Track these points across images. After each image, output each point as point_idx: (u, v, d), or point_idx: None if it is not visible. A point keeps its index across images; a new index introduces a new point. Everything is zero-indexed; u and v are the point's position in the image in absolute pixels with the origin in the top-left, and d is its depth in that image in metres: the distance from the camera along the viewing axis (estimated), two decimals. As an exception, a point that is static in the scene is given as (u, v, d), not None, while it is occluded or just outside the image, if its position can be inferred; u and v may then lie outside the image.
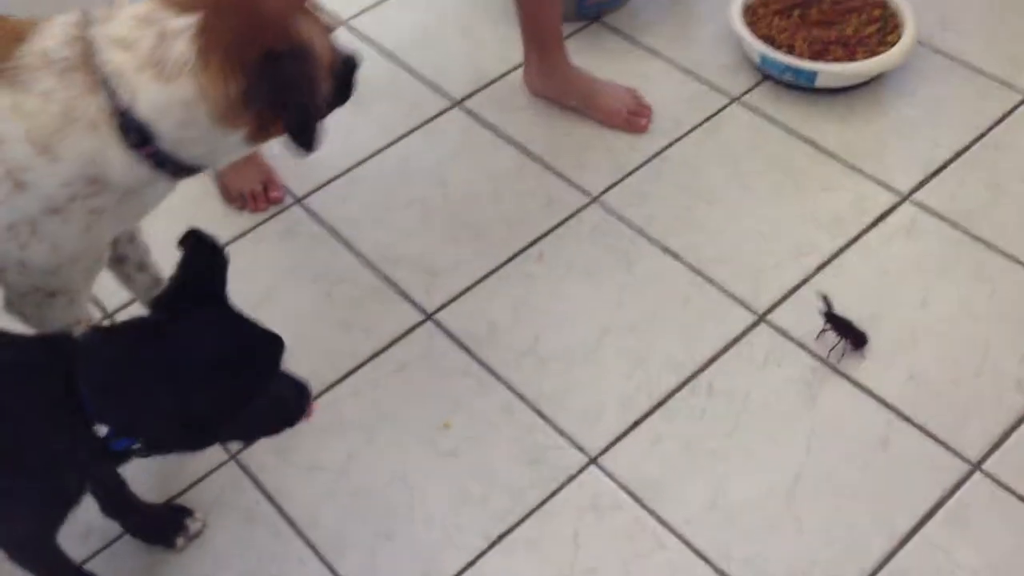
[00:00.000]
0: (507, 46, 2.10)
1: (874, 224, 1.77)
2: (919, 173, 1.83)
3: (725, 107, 1.98)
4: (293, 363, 1.64)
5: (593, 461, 1.51)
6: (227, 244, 1.81)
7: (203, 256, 1.15)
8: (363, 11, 2.23)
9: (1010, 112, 1.92)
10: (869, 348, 1.58)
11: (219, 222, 1.85)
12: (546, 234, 1.80)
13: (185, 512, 1.47)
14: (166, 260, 1.34)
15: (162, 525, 1.46)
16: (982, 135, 1.88)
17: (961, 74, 2.00)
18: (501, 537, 1.44)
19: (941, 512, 1.41)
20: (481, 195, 1.88)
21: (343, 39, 1.94)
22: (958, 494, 1.43)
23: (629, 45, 2.12)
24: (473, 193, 1.88)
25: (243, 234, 1.84)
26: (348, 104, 2.03)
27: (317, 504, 1.50)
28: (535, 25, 1.92)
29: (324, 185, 1.91)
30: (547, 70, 1.97)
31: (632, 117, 1.95)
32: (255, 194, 1.88)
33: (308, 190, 1.91)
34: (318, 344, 1.68)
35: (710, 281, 1.71)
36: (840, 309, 1.59)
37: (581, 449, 1.52)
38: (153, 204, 1.30)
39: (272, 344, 1.15)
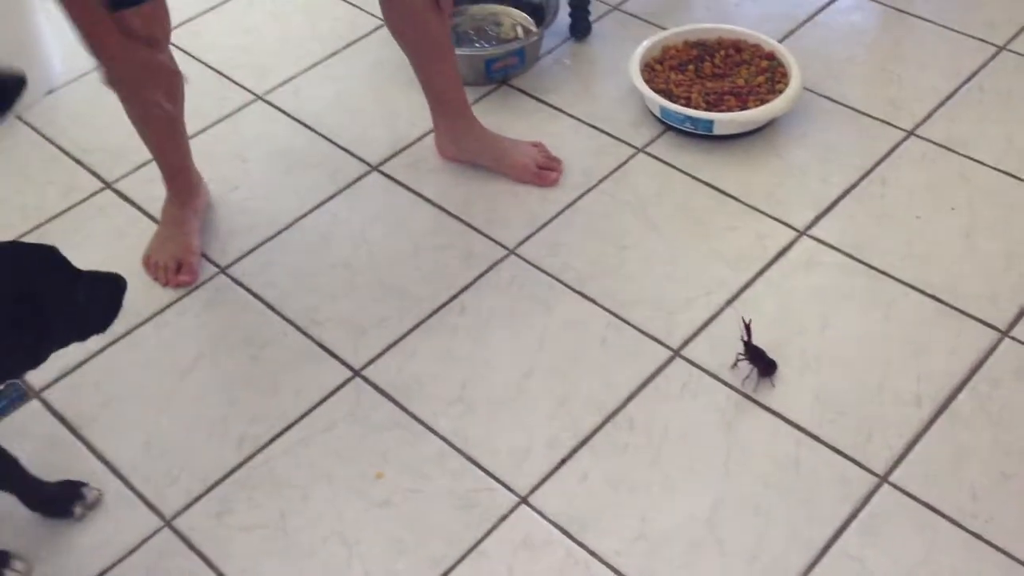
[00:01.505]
0: (419, 111, 2.18)
1: (775, 259, 1.87)
2: (813, 210, 1.95)
3: (631, 158, 2.09)
4: (223, 427, 1.68)
5: (523, 500, 1.56)
6: (152, 316, 1.85)
7: None
8: (280, 84, 2.30)
9: (892, 150, 2.05)
10: (778, 375, 1.67)
11: (146, 292, 1.88)
12: (467, 287, 1.86)
13: (80, 484, 1.56)
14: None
15: (58, 496, 1.55)
16: (868, 172, 2.01)
17: (846, 117, 2.13)
18: (438, 581, 1.47)
19: (854, 524, 1.49)
20: (402, 254, 1.94)
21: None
22: (868, 506, 1.51)
23: (537, 104, 2.22)
24: (395, 253, 1.94)
25: (168, 305, 1.87)
26: (271, 172, 2.10)
27: (255, 565, 1.51)
28: (438, 93, 2.01)
29: (248, 253, 1.95)
30: (456, 134, 2.06)
31: (542, 171, 2.04)
32: (167, 269, 1.90)
33: (232, 258, 1.94)
34: (248, 407, 1.70)
35: (626, 322, 1.79)
36: (748, 339, 1.68)
37: (511, 490, 1.57)
38: None
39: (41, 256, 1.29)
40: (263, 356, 1.78)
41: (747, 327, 1.67)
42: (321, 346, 1.79)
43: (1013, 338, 1.71)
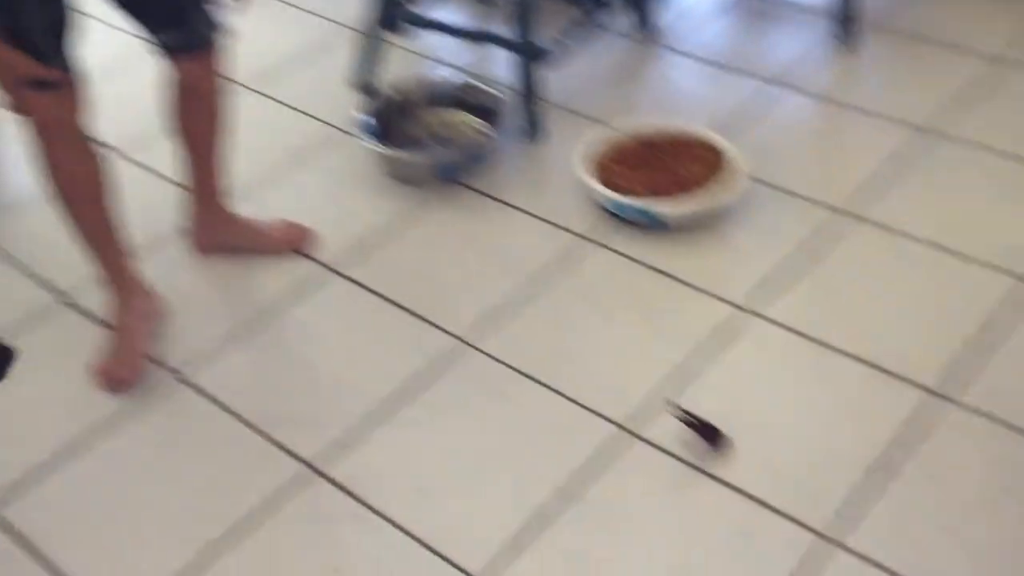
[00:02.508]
0: (378, 213, 2.28)
1: (721, 336, 1.92)
2: (758, 289, 2.01)
3: (582, 249, 2.15)
4: (181, 532, 1.68)
5: (481, 585, 1.57)
6: (105, 425, 1.87)
7: None
8: (241, 192, 2.37)
9: (826, 227, 2.13)
10: (727, 446, 1.70)
11: (101, 401, 1.91)
12: (423, 379, 1.90)
13: None
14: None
15: None
16: (808, 251, 2.08)
17: (786, 202, 2.22)
18: (395, 669, 1.47)
19: (803, 587, 1.51)
20: (358, 350, 1.98)
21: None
22: (819, 569, 1.52)
23: (491, 203, 2.30)
24: (350, 349, 1.99)
25: (121, 412, 1.89)
26: (229, 274, 2.15)
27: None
28: (209, 184, 2.10)
29: (201, 355, 1.99)
30: (216, 223, 2.16)
31: (294, 241, 2.18)
32: (106, 373, 1.93)
33: (184, 361, 1.98)
34: (205, 510, 1.72)
35: (579, 404, 1.82)
36: (699, 413, 1.72)
37: (470, 575, 1.58)
38: None
39: None
40: (219, 458, 1.80)
41: (684, 412, 1.71)
42: (278, 445, 1.81)
43: (946, 398, 1.75)
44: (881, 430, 1.71)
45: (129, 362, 1.94)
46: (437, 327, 2.01)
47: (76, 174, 1.83)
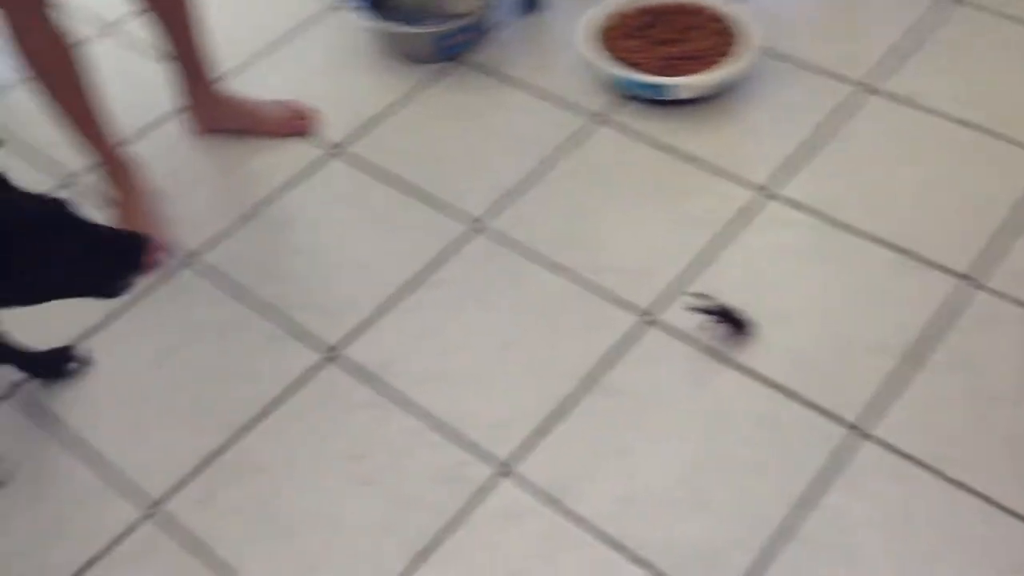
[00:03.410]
0: (377, 91, 2.18)
1: (739, 220, 1.88)
2: (775, 168, 1.96)
3: (590, 128, 2.09)
4: (200, 416, 1.67)
5: (505, 473, 1.56)
6: (119, 311, 1.83)
7: None
8: (234, 72, 2.26)
9: (849, 105, 2.07)
10: (752, 333, 1.69)
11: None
12: (436, 263, 1.86)
13: (68, 347, 1.74)
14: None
15: (52, 360, 1.72)
16: (826, 128, 2.03)
17: (801, 75, 2.15)
18: (425, 555, 1.47)
19: (831, 476, 1.51)
20: (369, 233, 1.93)
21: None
22: (845, 458, 1.53)
23: (492, 80, 2.21)
24: (362, 233, 1.93)
25: (135, 300, 1.84)
26: (227, 159, 2.08)
27: (240, 548, 1.51)
28: (195, 63, 2.00)
29: (210, 242, 1.93)
30: (211, 103, 2.07)
31: (297, 122, 2.10)
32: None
33: (193, 249, 1.92)
34: (223, 396, 1.69)
35: (597, 290, 1.79)
36: (721, 300, 1.69)
37: (493, 462, 1.57)
38: None
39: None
40: (235, 344, 1.77)
41: (705, 299, 1.69)
42: (292, 330, 1.78)
43: (975, 283, 1.74)
44: (909, 317, 1.69)
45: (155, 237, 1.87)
46: (446, 209, 1.95)
47: (49, 61, 1.73)
